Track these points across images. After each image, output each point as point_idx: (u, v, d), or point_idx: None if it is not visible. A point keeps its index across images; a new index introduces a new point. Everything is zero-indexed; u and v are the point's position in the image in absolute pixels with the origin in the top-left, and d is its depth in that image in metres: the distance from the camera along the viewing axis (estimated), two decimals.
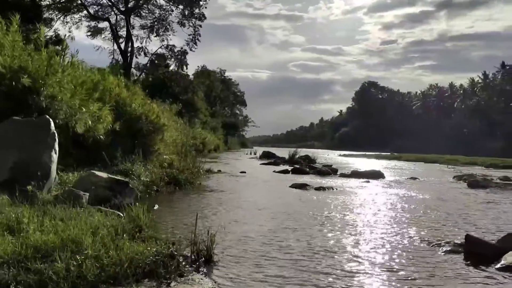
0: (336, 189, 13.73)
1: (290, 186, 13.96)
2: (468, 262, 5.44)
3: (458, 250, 5.94)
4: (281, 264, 5.12)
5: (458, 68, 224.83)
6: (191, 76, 56.40)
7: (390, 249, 6.04)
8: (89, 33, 40.41)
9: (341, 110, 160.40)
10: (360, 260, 5.42)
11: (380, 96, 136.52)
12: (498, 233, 6.96)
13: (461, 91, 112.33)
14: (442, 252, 5.93)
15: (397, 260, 5.46)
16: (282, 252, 5.67)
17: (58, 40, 20.89)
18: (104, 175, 8.46)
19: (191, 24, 41.13)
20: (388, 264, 5.31)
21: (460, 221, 8.43)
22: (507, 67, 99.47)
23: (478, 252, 5.70)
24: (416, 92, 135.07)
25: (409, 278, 4.75)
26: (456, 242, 6.22)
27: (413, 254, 5.80)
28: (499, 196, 13.01)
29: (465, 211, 9.81)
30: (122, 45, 39.55)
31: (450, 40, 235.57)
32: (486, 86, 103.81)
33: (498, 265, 5.21)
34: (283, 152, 35.49)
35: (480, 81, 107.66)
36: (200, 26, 41.69)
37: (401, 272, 4.95)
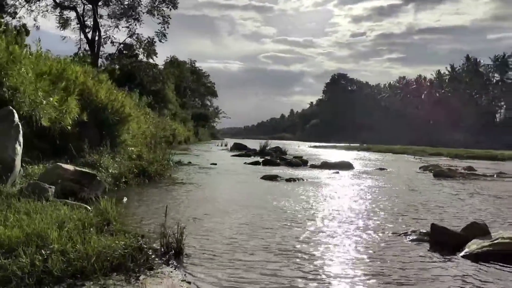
0: (307, 180, 13.86)
1: (261, 178, 14.00)
2: (434, 250, 5.59)
3: (424, 238, 6.08)
4: (250, 255, 5.14)
5: (426, 61, 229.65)
6: (161, 67, 55.55)
7: (357, 239, 6.14)
8: (58, 25, 39.23)
9: (311, 102, 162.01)
10: (327, 252, 5.49)
11: (349, 88, 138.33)
12: (462, 222, 7.16)
13: (428, 84, 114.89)
14: (409, 240, 6.07)
15: (363, 251, 5.55)
16: (252, 243, 5.68)
17: (20, 29, 20.17)
18: (70, 167, 8.27)
19: (160, 14, 40.38)
20: (355, 254, 5.40)
21: (426, 211, 8.65)
22: (472, 60, 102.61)
23: (443, 241, 5.84)
24: (385, 85, 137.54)
25: (375, 267, 4.84)
26: (422, 231, 6.36)
27: (380, 243, 5.91)
28: (463, 186, 13.40)
29: (431, 201, 10.06)
30: (89, 35, 38.63)
31: (418, 33, 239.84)
32: (452, 79, 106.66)
33: (462, 253, 5.37)
34: (254, 144, 35.50)
35: (447, 73, 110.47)
36: (169, 16, 41.02)
37: (367, 262, 5.04)
